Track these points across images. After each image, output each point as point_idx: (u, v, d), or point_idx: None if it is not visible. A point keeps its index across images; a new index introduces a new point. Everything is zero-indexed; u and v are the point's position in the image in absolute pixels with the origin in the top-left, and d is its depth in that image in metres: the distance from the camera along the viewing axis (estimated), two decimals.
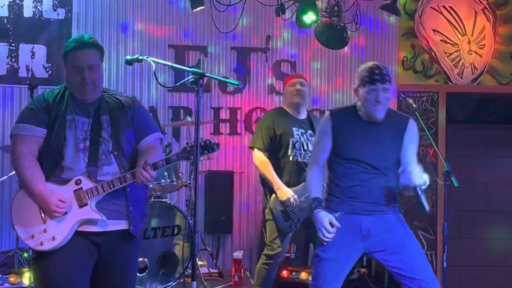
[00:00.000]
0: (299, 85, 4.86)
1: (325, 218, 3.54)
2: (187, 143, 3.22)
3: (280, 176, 4.70)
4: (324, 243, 3.55)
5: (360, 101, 3.60)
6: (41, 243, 3.06)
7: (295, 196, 4.64)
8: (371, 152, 3.60)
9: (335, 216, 3.56)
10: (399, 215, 3.71)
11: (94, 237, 3.14)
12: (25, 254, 5.40)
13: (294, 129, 4.80)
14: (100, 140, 3.16)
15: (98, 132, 3.17)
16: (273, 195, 4.69)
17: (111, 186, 3.09)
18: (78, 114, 3.18)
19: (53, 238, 3.06)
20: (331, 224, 3.53)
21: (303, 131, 4.84)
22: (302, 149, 4.78)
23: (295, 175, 4.74)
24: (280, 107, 5.03)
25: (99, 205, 3.12)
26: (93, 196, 3.09)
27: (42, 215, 3.08)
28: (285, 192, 4.63)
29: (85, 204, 3.10)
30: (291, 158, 4.75)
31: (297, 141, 4.78)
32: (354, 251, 3.63)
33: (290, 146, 4.75)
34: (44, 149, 3.14)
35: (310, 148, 4.75)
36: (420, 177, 3.49)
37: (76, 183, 3.10)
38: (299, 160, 4.77)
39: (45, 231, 3.07)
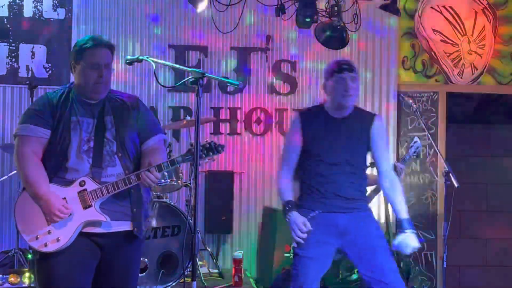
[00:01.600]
0: None
1: (299, 218, 3.60)
2: (191, 144, 3.21)
3: None
4: (302, 243, 3.61)
5: (329, 94, 3.69)
6: (45, 245, 3.06)
7: None
8: (339, 147, 3.67)
9: (309, 215, 3.62)
10: (371, 214, 3.81)
11: (97, 238, 3.14)
12: (29, 256, 5.37)
13: None
14: (104, 141, 3.15)
15: (102, 133, 3.16)
16: None
17: (116, 188, 3.08)
18: (83, 115, 3.16)
19: (57, 240, 3.05)
20: (305, 225, 3.59)
21: None
22: None
23: None
24: None
25: (103, 206, 3.11)
26: (98, 197, 3.08)
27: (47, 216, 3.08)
28: None
29: (89, 206, 3.09)
30: None
31: None
32: (332, 248, 3.70)
33: None
34: (48, 150, 3.13)
35: None
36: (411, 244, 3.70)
37: (80, 184, 3.09)
38: None
39: (49, 232, 3.06)
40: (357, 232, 3.65)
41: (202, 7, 5.82)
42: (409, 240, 3.67)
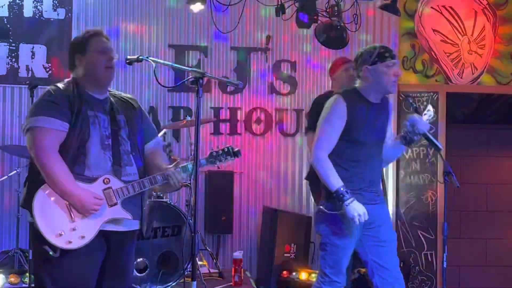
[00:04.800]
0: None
1: (361, 208, 3.54)
2: (211, 149, 3.30)
3: None
4: (344, 232, 3.60)
5: (376, 78, 3.62)
6: (69, 242, 2.99)
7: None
8: (375, 133, 3.68)
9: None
10: (386, 206, 3.90)
11: (109, 236, 3.12)
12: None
13: None
14: (119, 139, 3.13)
15: (117, 131, 3.14)
16: None
17: (142, 187, 3.10)
18: (98, 110, 3.12)
19: (82, 237, 3.00)
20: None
21: None
22: None
23: None
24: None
25: (123, 205, 3.10)
26: (123, 195, 3.07)
27: (71, 213, 3.00)
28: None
29: (115, 204, 3.07)
30: None
31: None
32: (357, 239, 3.73)
33: None
34: (64, 145, 3.02)
35: None
36: (424, 124, 3.67)
37: (105, 182, 3.06)
38: None
39: (74, 229, 2.99)
40: (378, 225, 3.69)
41: (198, 7, 5.84)
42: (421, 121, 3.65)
